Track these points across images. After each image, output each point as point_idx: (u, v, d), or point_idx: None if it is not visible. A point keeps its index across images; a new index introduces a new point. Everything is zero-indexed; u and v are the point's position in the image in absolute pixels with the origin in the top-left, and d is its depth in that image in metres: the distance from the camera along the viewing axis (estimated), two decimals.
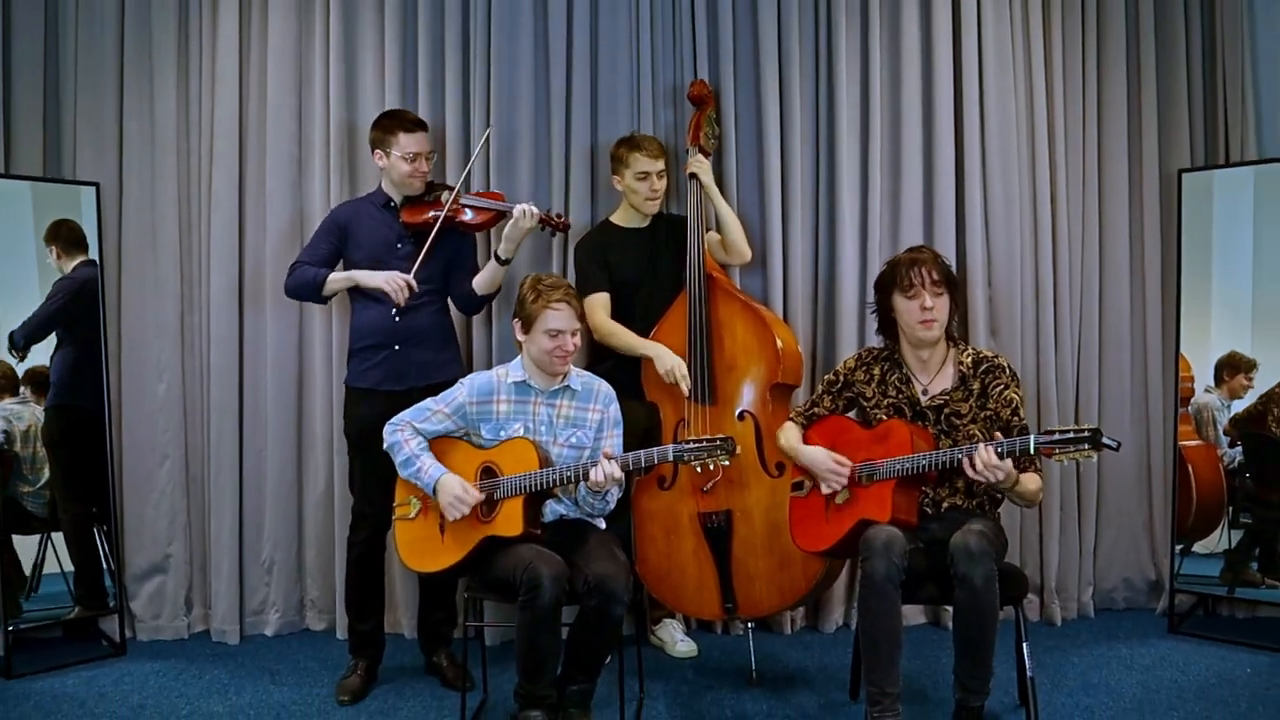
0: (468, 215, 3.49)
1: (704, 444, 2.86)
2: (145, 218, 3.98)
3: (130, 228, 3.97)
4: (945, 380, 3.05)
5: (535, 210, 3.42)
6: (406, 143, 3.46)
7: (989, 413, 2.98)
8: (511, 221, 3.40)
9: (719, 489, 3.52)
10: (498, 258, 3.47)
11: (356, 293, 3.52)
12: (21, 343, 3.71)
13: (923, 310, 2.95)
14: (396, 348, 3.45)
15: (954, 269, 3.91)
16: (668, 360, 3.53)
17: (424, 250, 3.41)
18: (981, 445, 2.78)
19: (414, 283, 3.37)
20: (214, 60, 3.96)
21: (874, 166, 4.05)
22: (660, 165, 3.68)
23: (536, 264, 3.98)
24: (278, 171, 3.98)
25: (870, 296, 3.18)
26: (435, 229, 3.42)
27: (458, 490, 2.97)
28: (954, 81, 4.07)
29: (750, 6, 4.03)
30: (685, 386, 3.50)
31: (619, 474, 2.88)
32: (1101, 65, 4.22)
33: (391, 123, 3.50)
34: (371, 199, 3.59)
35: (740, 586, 3.52)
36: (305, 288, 3.50)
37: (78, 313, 3.84)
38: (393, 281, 3.35)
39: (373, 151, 3.54)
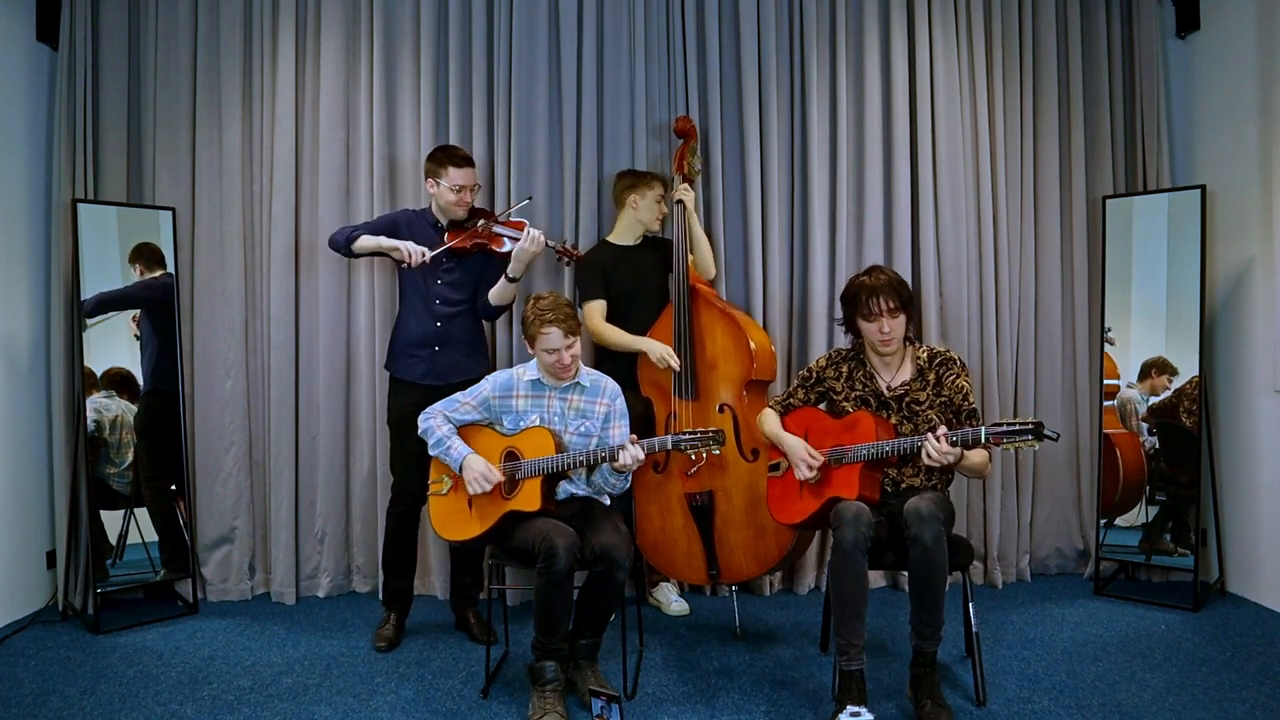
0: (506, 245, 3.45)
1: (699, 435, 2.87)
2: (214, 237, 3.99)
3: (201, 246, 3.98)
4: (905, 374, 3.06)
5: (539, 236, 3.38)
6: (455, 176, 3.46)
7: (944, 399, 3.00)
8: (520, 244, 3.38)
9: (702, 472, 3.54)
10: (507, 276, 3.45)
11: (404, 300, 3.54)
12: (89, 308, 3.70)
13: (881, 333, 2.98)
14: (437, 348, 3.47)
15: (909, 282, 3.97)
16: (657, 349, 3.54)
17: (446, 246, 3.45)
18: (931, 436, 2.78)
19: (428, 255, 3.39)
20: (274, 101, 3.98)
21: (841, 193, 4.06)
22: (665, 192, 3.77)
23: (550, 278, 4.00)
24: (328, 198, 3.99)
25: (838, 304, 3.19)
26: (472, 251, 3.48)
27: (482, 468, 2.98)
28: (909, 120, 4.09)
29: (734, 56, 4.05)
30: (675, 364, 3.52)
31: (642, 455, 2.89)
32: (1037, 106, 4.24)
33: (444, 156, 3.50)
34: (425, 216, 3.57)
35: (722, 556, 3.54)
36: (339, 241, 3.48)
37: (156, 311, 3.85)
38: (409, 248, 3.37)
39: (425, 179, 3.54)
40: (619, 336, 3.64)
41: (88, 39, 3.87)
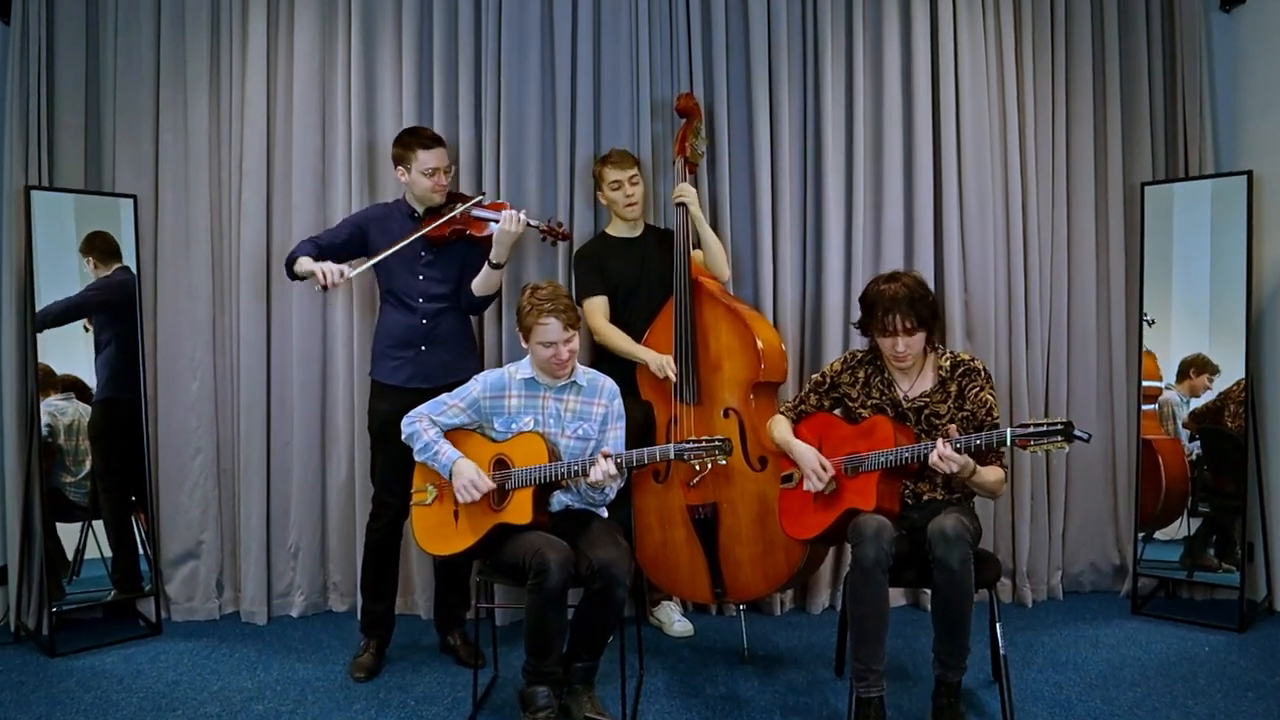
0: (488, 230, 3.40)
1: (703, 444, 2.85)
2: (179, 227, 3.97)
3: (165, 237, 3.96)
4: (925, 383, 3.04)
5: (521, 217, 3.34)
6: (425, 159, 3.44)
7: (966, 413, 2.97)
8: (500, 225, 3.34)
9: (706, 483, 3.51)
10: (490, 263, 3.41)
11: (384, 298, 3.52)
12: (46, 320, 3.67)
13: (896, 350, 2.97)
14: (423, 348, 3.45)
15: (932, 277, 3.94)
16: (655, 359, 3.53)
17: (420, 234, 3.38)
18: (940, 440, 2.78)
19: (346, 272, 3.30)
20: (243, 81, 3.95)
21: (858, 180, 4.04)
22: (630, 172, 3.66)
23: (543, 271, 3.97)
24: (303, 185, 3.97)
25: (854, 300, 3.17)
26: (451, 238, 3.43)
27: (472, 475, 2.96)
28: (932, 100, 4.07)
29: (743, 29, 4.03)
30: (672, 374, 3.50)
31: (614, 471, 2.87)
32: (1070, 86, 4.22)
33: (411, 139, 3.47)
34: (399, 208, 3.55)
35: (728, 573, 3.51)
36: (289, 262, 3.41)
37: (114, 312, 3.83)
38: (323, 268, 3.25)
39: (395, 168, 3.52)
40: (620, 341, 3.62)
41: (42, 12, 3.84)
